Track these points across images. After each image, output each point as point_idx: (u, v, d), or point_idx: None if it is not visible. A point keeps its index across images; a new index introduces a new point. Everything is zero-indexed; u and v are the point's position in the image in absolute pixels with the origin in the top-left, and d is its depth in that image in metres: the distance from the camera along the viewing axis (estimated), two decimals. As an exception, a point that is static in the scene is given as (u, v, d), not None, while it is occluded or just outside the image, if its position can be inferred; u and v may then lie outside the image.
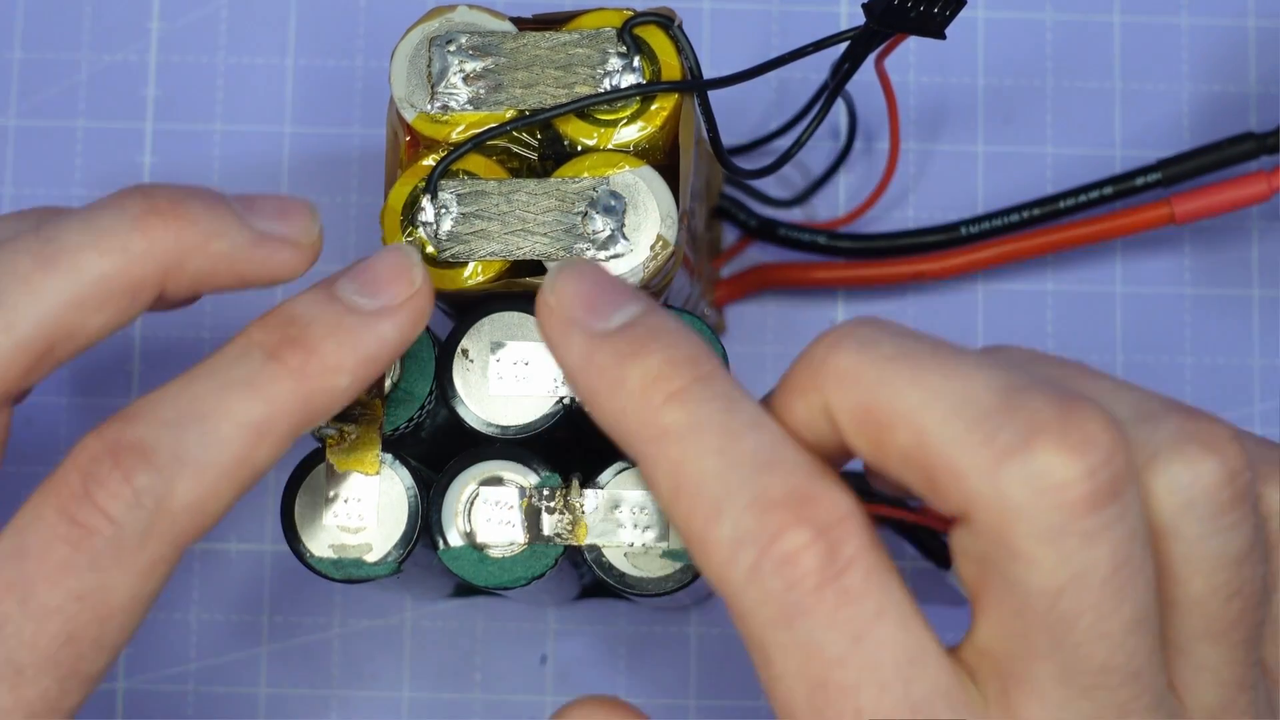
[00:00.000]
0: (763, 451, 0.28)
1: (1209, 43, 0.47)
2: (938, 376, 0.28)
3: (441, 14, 0.36)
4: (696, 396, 0.29)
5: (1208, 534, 0.28)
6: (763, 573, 0.27)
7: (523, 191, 0.35)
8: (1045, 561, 0.27)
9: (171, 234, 0.32)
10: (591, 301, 0.31)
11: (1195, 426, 0.29)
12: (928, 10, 0.35)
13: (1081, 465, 0.27)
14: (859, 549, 0.28)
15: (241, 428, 0.31)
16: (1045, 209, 0.45)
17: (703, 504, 0.28)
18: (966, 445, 0.27)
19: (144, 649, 0.45)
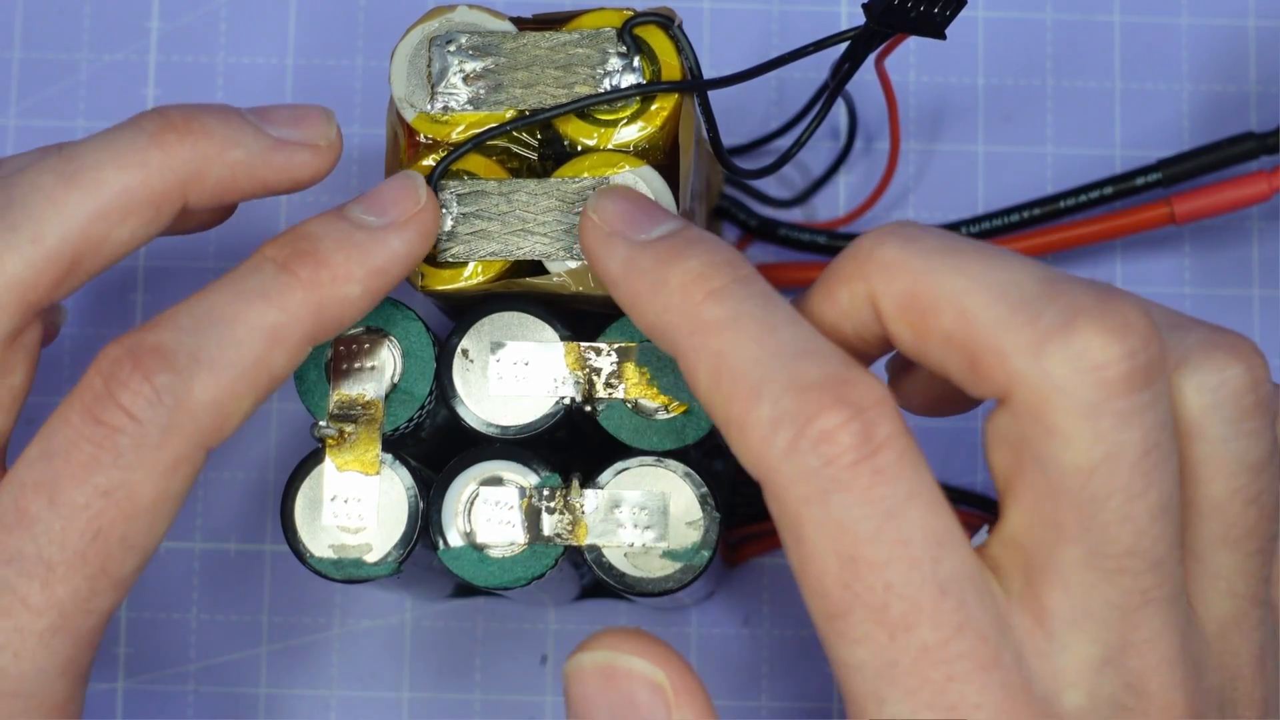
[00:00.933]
0: (800, 341, 0.29)
1: (1209, 43, 0.47)
2: (981, 265, 0.29)
3: (441, 14, 0.36)
4: (735, 294, 0.30)
5: (1231, 436, 0.29)
6: (800, 450, 0.28)
7: (523, 191, 0.35)
8: (1081, 439, 0.28)
9: (188, 146, 0.33)
10: (633, 217, 0.32)
11: (1222, 336, 0.30)
12: (928, 10, 0.35)
13: (1120, 347, 0.28)
14: (892, 432, 0.28)
15: (256, 331, 0.32)
16: (1045, 209, 0.45)
17: (743, 388, 0.29)
18: (1010, 325, 0.28)
19: (144, 649, 0.45)
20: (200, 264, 0.47)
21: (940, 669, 0.28)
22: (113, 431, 0.31)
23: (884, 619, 0.28)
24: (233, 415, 0.32)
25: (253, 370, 0.32)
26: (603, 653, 0.30)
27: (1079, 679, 0.28)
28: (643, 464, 0.35)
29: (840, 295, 0.31)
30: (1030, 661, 0.28)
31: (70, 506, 0.31)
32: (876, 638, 0.28)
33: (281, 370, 0.33)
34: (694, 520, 0.35)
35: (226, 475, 0.46)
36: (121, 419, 0.31)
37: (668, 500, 0.35)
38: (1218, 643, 0.30)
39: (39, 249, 0.33)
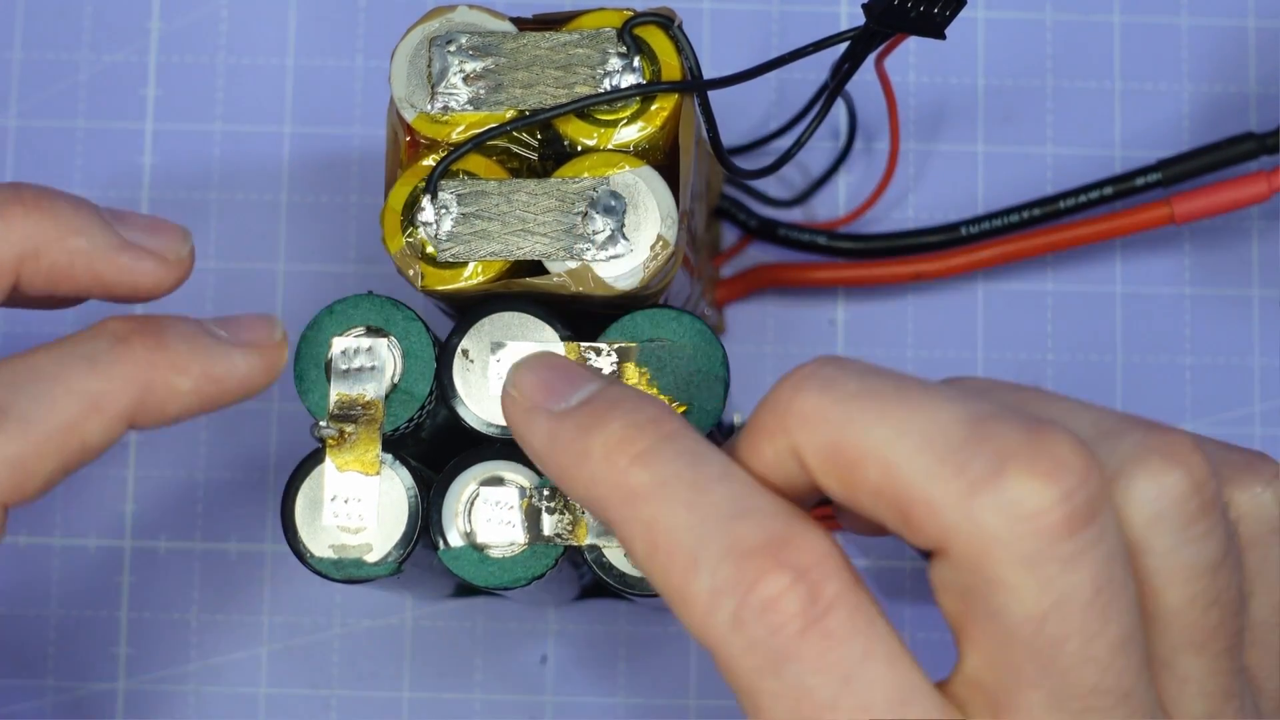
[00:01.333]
0: (733, 500, 0.28)
1: (1209, 43, 0.47)
2: (904, 410, 0.28)
3: (441, 14, 0.36)
4: (661, 455, 0.29)
5: (1179, 545, 0.28)
6: (745, 621, 0.27)
7: (523, 191, 0.35)
8: (1026, 589, 0.27)
9: (31, 222, 0.32)
10: (551, 385, 0.31)
11: (1157, 440, 0.29)
12: (928, 10, 0.35)
13: (1055, 491, 0.26)
14: (840, 589, 0.27)
15: (75, 395, 0.31)
16: (1045, 209, 0.45)
17: (678, 559, 0.28)
18: (938, 478, 0.27)
19: (144, 649, 0.45)
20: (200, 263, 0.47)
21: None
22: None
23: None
24: (35, 475, 0.31)
25: (63, 433, 0.31)
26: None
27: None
28: (643, 464, 0.35)
29: (764, 450, 0.29)
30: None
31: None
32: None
33: (94, 441, 0.31)
34: (694, 520, 0.35)
35: (226, 475, 0.46)
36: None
37: (668, 500, 0.35)
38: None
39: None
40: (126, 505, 0.46)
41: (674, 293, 0.38)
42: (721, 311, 0.47)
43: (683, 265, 0.37)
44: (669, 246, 0.35)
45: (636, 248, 0.35)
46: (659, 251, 0.35)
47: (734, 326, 0.47)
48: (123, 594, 0.45)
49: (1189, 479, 0.28)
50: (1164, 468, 0.28)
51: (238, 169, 0.47)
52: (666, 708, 0.45)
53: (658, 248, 0.35)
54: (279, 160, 0.47)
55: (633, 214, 0.35)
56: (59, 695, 0.45)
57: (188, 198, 0.47)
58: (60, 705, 0.45)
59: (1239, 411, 0.46)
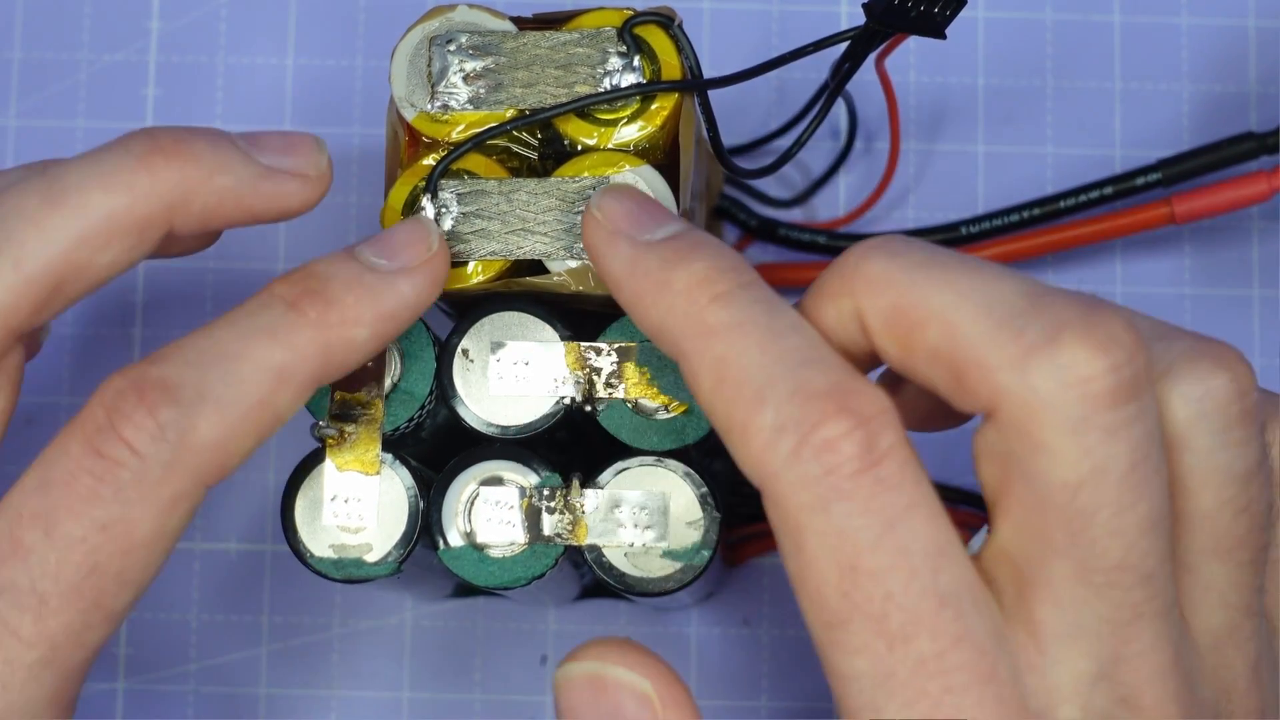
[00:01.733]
0: (804, 349, 0.29)
1: (1209, 43, 0.47)
2: (967, 279, 0.29)
3: (441, 13, 0.36)
4: (740, 299, 0.30)
5: (1218, 446, 0.29)
6: (803, 458, 0.28)
7: (523, 191, 0.35)
8: (1067, 454, 0.28)
9: (175, 171, 0.33)
10: (637, 217, 0.32)
11: (1207, 346, 0.30)
12: (928, 10, 0.35)
13: (1105, 360, 0.28)
14: (895, 442, 0.28)
15: (263, 370, 0.32)
16: (1045, 209, 0.45)
17: (746, 394, 0.29)
18: (995, 340, 0.28)
19: (144, 649, 0.45)
20: (200, 263, 0.47)
21: (937, 681, 0.28)
22: (114, 465, 0.31)
23: (883, 629, 0.28)
24: (235, 454, 0.32)
25: (257, 409, 0.32)
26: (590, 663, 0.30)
27: (1073, 694, 0.28)
28: (643, 464, 0.35)
29: (827, 311, 0.30)
30: (1025, 676, 0.28)
31: (67, 539, 0.31)
32: (875, 648, 0.28)
33: (285, 410, 0.32)
34: (694, 520, 0.35)
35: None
36: (123, 453, 0.31)
37: (668, 500, 0.35)
38: (1211, 655, 0.30)
39: (19, 274, 0.32)
40: (126, 505, 0.46)
41: (674, 292, 0.38)
42: (721, 311, 0.47)
43: (683, 265, 0.37)
44: (669, 246, 0.35)
45: (636, 247, 0.35)
46: (659, 251, 0.35)
47: (734, 326, 0.47)
48: (122, 594, 0.45)
49: (1235, 384, 0.29)
50: (1212, 370, 0.29)
51: (238, 169, 0.47)
52: (666, 708, 0.45)
53: (658, 247, 0.35)
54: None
55: (633, 214, 0.35)
56: (59, 695, 0.45)
57: (188, 198, 0.47)
58: (60, 705, 0.45)
59: (1239, 411, 0.46)
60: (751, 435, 0.29)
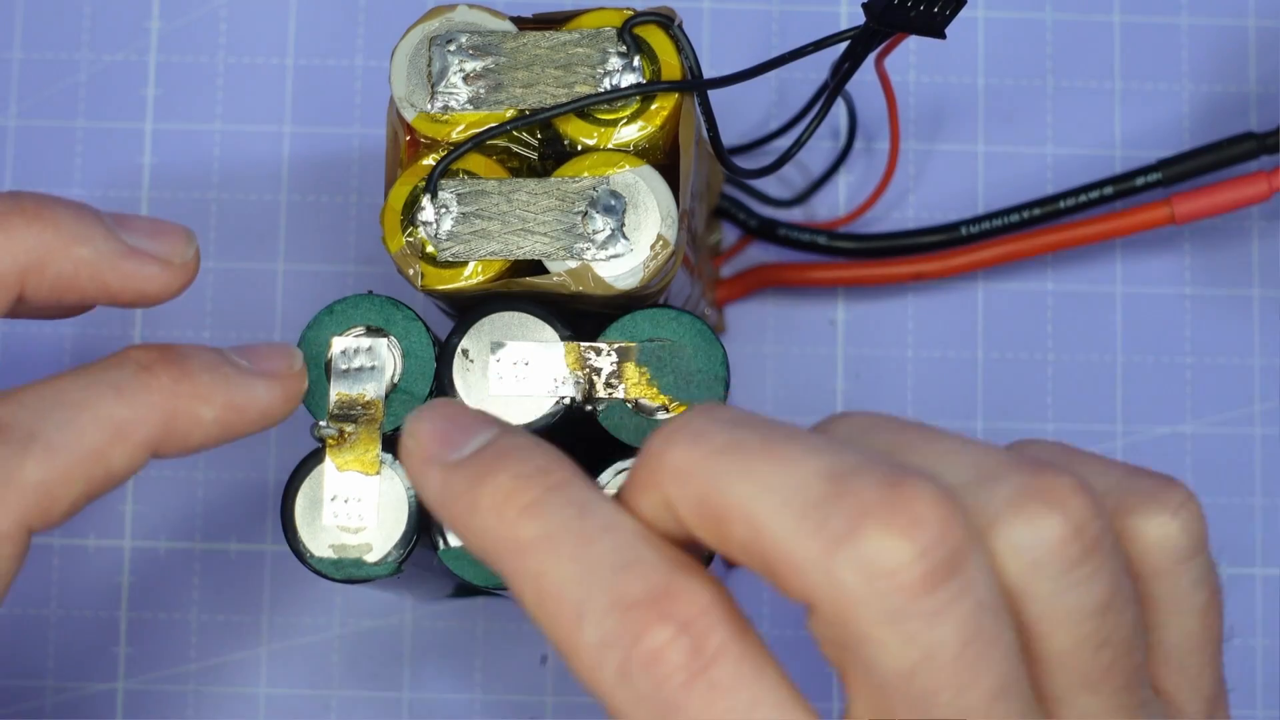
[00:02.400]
0: (619, 552, 0.28)
1: (1209, 43, 0.47)
2: (767, 466, 0.28)
3: (441, 14, 0.36)
4: (548, 506, 0.29)
5: (1061, 590, 0.28)
6: (631, 673, 0.27)
7: (523, 191, 0.35)
8: (891, 644, 0.27)
9: (33, 233, 0.32)
10: (445, 435, 0.31)
11: (1037, 484, 0.28)
12: (928, 10, 0.35)
13: (912, 548, 0.26)
14: (725, 639, 0.27)
15: (101, 422, 0.31)
16: (1045, 209, 0.45)
17: (565, 611, 0.28)
18: (799, 536, 0.27)
19: (144, 649, 0.45)
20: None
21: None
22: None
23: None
24: (60, 500, 0.31)
25: (89, 459, 0.31)
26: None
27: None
28: (643, 464, 0.35)
29: (642, 503, 0.29)
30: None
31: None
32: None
33: (118, 467, 0.32)
34: (694, 520, 0.35)
35: (226, 475, 0.46)
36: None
37: (668, 500, 0.35)
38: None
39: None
40: (126, 505, 0.46)
41: (674, 292, 0.38)
42: (721, 311, 0.47)
43: (683, 265, 0.37)
44: (669, 246, 0.35)
45: (636, 247, 0.35)
46: (659, 251, 0.35)
47: (734, 326, 0.47)
48: (122, 594, 0.45)
49: (1068, 523, 0.28)
50: (1041, 512, 0.28)
51: (238, 169, 0.47)
52: (666, 708, 0.45)
53: (658, 247, 0.35)
54: (279, 160, 0.47)
55: (633, 214, 0.35)
56: (59, 695, 0.45)
57: (188, 198, 0.47)
58: (60, 705, 0.45)
59: (1239, 411, 0.46)
60: (578, 654, 0.28)
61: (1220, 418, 0.46)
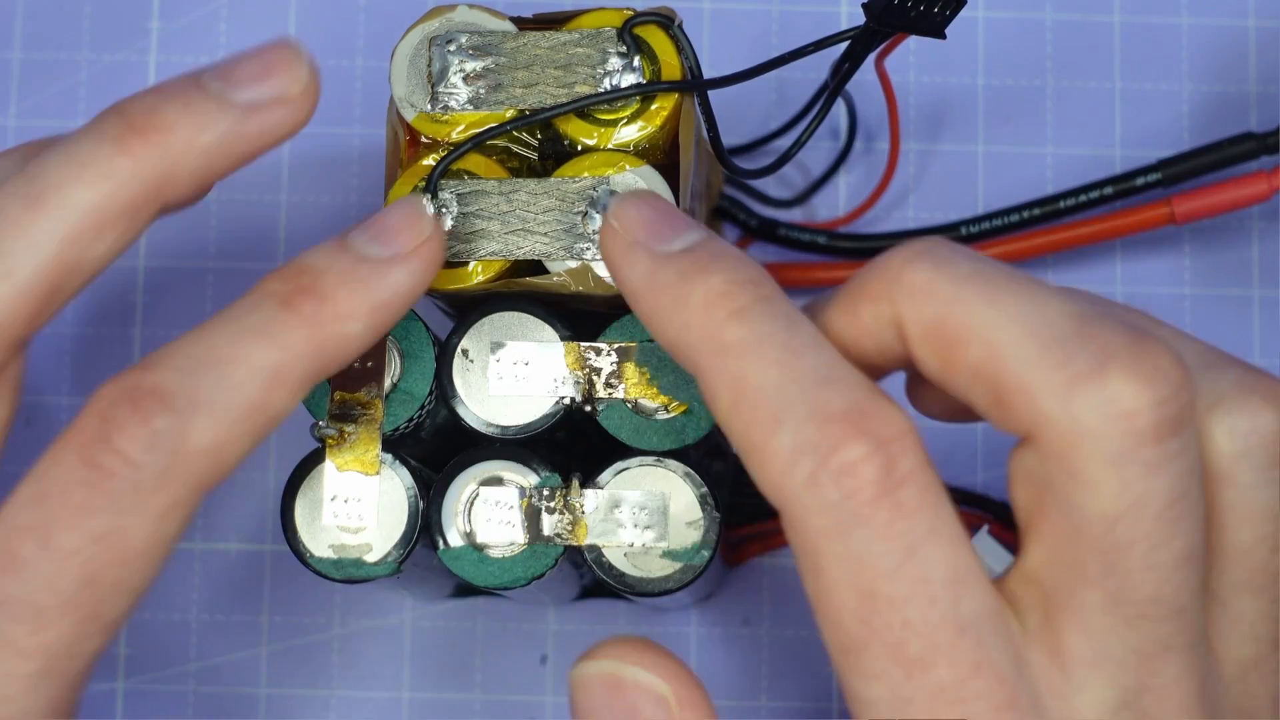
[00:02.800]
0: (823, 368, 0.29)
1: (1209, 43, 0.47)
2: (1014, 298, 0.28)
3: (441, 14, 0.36)
4: (759, 314, 0.29)
5: (1261, 483, 0.29)
6: (821, 482, 0.28)
7: (523, 191, 0.35)
8: (1107, 486, 0.27)
9: (155, 148, 0.32)
10: (655, 226, 0.31)
11: (1257, 380, 0.30)
12: (928, 10, 0.35)
13: (1151, 395, 0.27)
14: (915, 465, 0.28)
15: (257, 373, 0.31)
16: (1045, 209, 0.45)
17: (763, 415, 0.28)
18: (1041, 366, 0.28)
19: (144, 649, 0.45)
20: (200, 263, 0.47)
21: (955, 708, 0.27)
22: (108, 475, 0.30)
23: (901, 656, 0.27)
24: (230, 459, 0.31)
25: (252, 413, 0.31)
26: (608, 662, 0.29)
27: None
28: (643, 464, 0.35)
29: (864, 313, 0.30)
30: (1046, 701, 0.28)
31: (62, 551, 0.30)
32: (893, 675, 0.28)
33: (280, 411, 0.32)
34: (694, 520, 0.35)
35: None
36: (117, 463, 0.30)
37: (668, 500, 0.35)
38: (1236, 685, 0.30)
39: (11, 284, 0.31)
40: (126, 505, 0.46)
41: (674, 292, 0.38)
42: (721, 311, 0.47)
43: (683, 265, 0.37)
44: (669, 246, 0.35)
45: (636, 247, 0.35)
46: (659, 251, 0.35)
47: (734, 326, 0.47)
48: (123, 594, 0.45)
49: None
50: (1261, 406, 0.29)
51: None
52: (666, 708, 0.45)
53: (658, 247, 0.35)
54: (278, 160, 0.47)
55: (633, 214, 0.35)
56: (59, 695, 0.45)
57: (188, 198, 0.47)
58: (60, 705, 0.45)
59: (1239, 411, 0.46)
60: (769, 458, 0.28)
61: (1220, 418, 0.46)
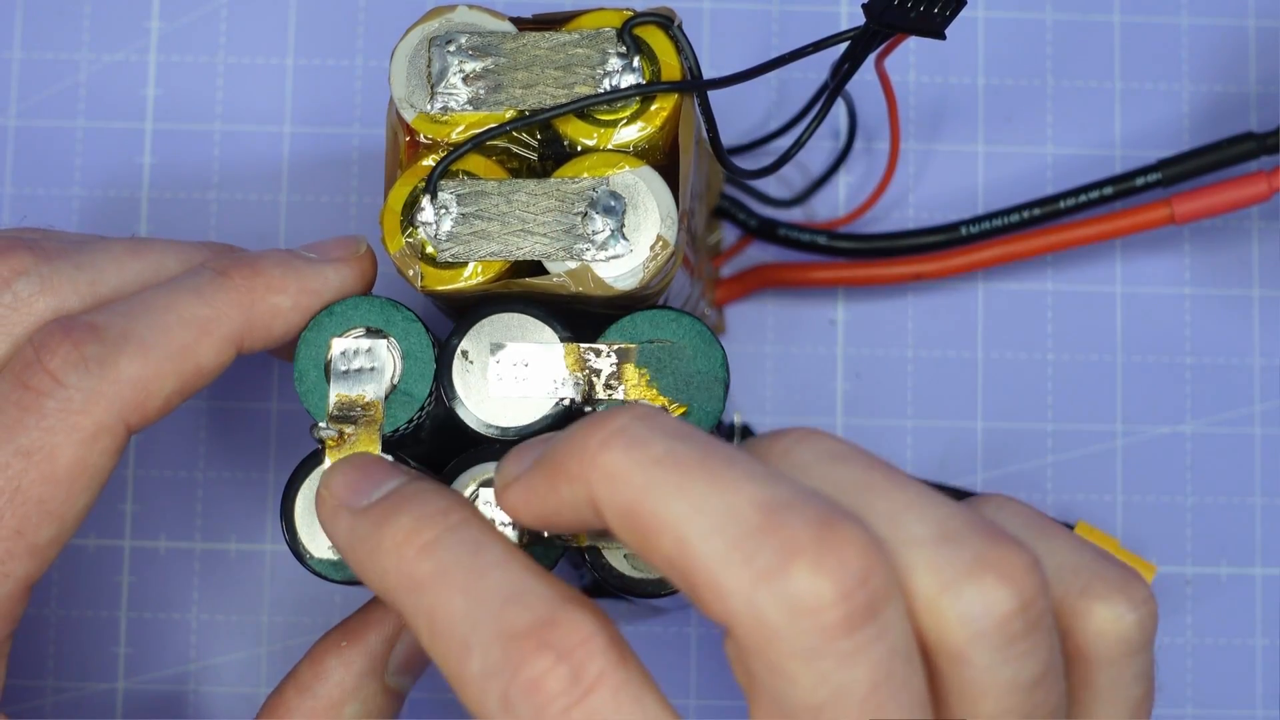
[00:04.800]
0: (507, 586, 0.29)
1: (1209, 43, 0.47)
2: (704, 486, 0.28)
3: (441, 14, 0.36)
4: (444, 544, 0.30)
5: (999, 663, 0.28)
6: (513, 701, 0.28)
7: (523, 192, 0.35)
8: (804, 679, 0.27)
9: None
10: (355, 485, 0.33)
11: (995, 555, 0.28)
12: (928, 10, 0.35)
13: (835, 588, 0.27)
14: (604, 667, 0.28)
15: (186, 321, 0.34)
16: (1045, 209, 0.45)
17: (454, 643, 0.29)
18: (727, 563, 0.27)
19: (144, 649, 0.45)
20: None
21: None
22: (38, 395, 0.33)
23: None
24: (155, 395, 0.33)
25: (179, 355, 0.34)
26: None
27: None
28: (642, 464, 0.35)
29: (562, 490, 0.30)
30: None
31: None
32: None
33: (207, 363, 0.34)
34: (694, 521, 0.35)
35: (226, 475, 0.46)
36: (47, 383, 0.33)
37: (667, 501, 0.35)
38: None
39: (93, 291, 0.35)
40: (126, 505, 0.46)
41: (674, 293, 0.38)
42: (721, 311, 0.47)
43: (682, 265, 0.37)
44: (669, 246, 0.35)
45: (636, 248, 0.35)
46: (659, 251, 0.35)
47: (734, 326, 0.47)
48: (122, 594, 0.45)
49: (1017, 598, 0.28)
50: (995, 585, 0.28)
51: (238, 169, 0.47)
52: (666, 708, 0.45)
53: (657, 248, 0.35)
54: (279, 160, 0.47)
55: (632, 214, 0.35)
56: (59, 695, 0.45)
57: (188, 198, 0.47)
58: (60, 705, 0.45)
59: (1239, 411, 0.46)
60: (465, 686, 0.29)
61: (1220, 418, 0.46)
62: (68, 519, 0.33)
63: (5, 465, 0.32)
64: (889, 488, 0.29)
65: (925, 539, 0.28)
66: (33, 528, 0.33)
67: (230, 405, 0.46)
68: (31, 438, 0.32)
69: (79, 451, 0.33)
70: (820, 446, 0.30)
